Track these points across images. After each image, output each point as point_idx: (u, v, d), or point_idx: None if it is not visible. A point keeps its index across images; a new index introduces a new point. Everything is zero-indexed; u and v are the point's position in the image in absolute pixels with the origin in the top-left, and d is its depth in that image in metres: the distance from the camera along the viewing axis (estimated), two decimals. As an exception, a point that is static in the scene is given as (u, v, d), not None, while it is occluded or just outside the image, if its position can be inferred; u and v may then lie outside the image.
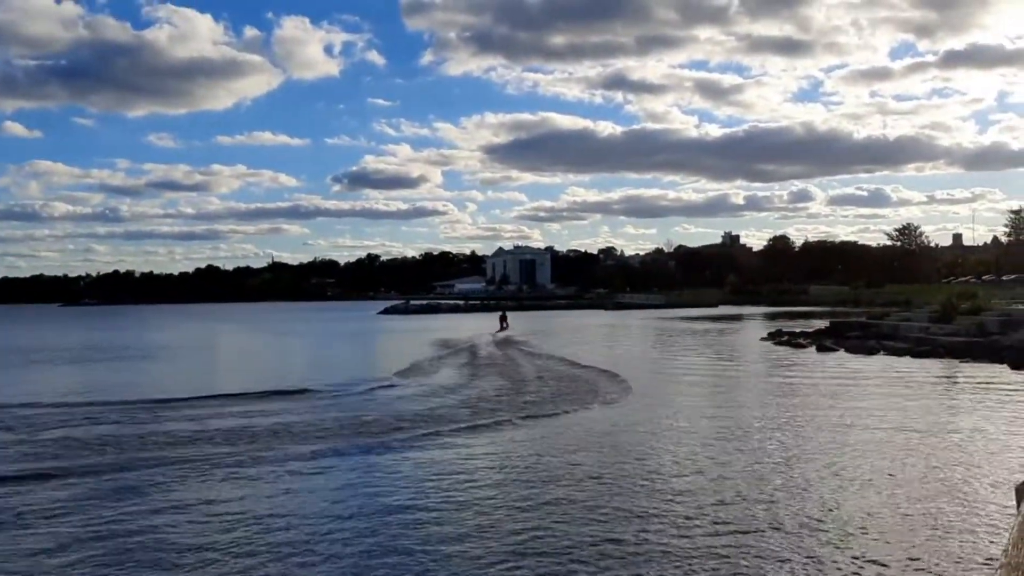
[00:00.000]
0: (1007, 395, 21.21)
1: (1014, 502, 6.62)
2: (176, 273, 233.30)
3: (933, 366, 28.79)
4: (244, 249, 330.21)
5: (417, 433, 16.90)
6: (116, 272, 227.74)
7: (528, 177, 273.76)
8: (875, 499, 11.39)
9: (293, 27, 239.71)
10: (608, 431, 17.18)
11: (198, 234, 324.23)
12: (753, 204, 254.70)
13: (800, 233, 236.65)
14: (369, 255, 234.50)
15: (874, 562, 8.85)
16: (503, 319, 59.26)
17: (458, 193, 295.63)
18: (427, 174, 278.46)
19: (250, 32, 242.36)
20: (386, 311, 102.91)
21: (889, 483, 12.31)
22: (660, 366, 32.38)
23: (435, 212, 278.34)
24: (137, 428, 17.84)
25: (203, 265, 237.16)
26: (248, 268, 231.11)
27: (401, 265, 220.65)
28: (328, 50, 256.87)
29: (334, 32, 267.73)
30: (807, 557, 9.02)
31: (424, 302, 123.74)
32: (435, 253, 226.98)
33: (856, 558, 9.04)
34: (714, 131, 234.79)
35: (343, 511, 11.16)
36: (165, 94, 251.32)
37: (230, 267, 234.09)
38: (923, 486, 12.05)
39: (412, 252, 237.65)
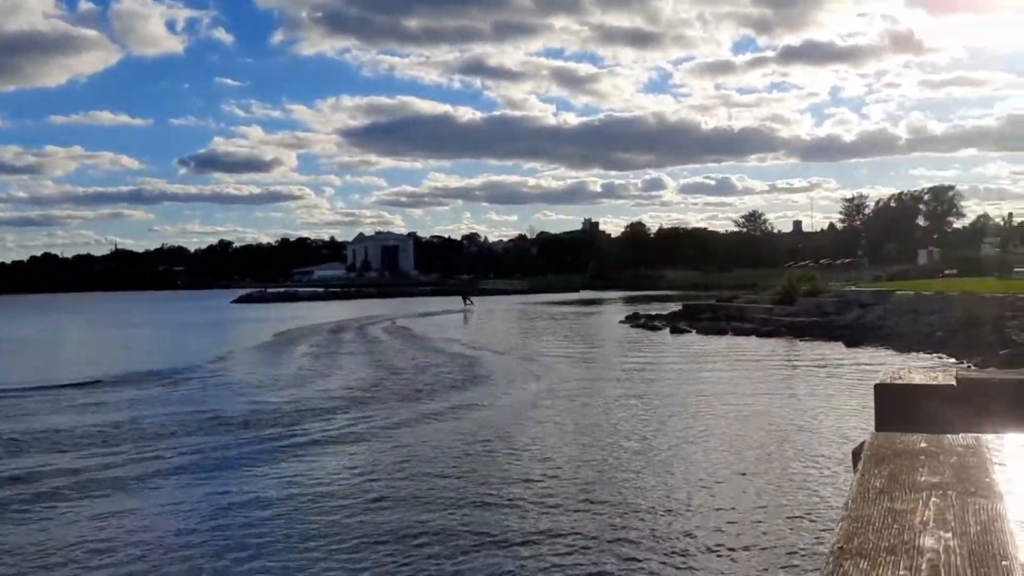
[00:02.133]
0: (842, 370, 22.69)
1: (851, 464, 6.97)
2: (9, 262, 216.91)
3: (776, 344, 30.49)
4: (84, 236, 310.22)
5: (283, 425, 16.35)
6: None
7: (387, 162, 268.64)
8: (721, 463, 11.96)
9: (132, 0, 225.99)
10: (470, 415, 17.22)
11: (33, 220, 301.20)
12: (610, 192, 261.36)
13: (655, 220, 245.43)
14: (221, 241, 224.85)
15: (719, 528, 9.22)
16: (465, 298, 73.64)
17: (314, 177, 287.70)
18: (281, 157, 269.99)
19: (85, 5, 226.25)
20: (241, 299, 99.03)
21: (735, 450, 12.94)
22: (522, 349, 32.71)
23: (290, 196, 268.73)
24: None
25: (39, 253, 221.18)
26: (89, 256, 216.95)
27: (256, 252, 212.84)
28: (171, 26, 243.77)
29: (176, 7, 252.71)
30: (656, 520, 9.33)
31: (282, 290, 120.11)
32: (292, 239, 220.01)
33: (704, 515, 9.49)
34: (572, 119, 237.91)
35: (192, 526, 10.61)
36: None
37: (69, 255, 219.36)
38: (767, 452, 12.74)
39: (267, 238, 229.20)
